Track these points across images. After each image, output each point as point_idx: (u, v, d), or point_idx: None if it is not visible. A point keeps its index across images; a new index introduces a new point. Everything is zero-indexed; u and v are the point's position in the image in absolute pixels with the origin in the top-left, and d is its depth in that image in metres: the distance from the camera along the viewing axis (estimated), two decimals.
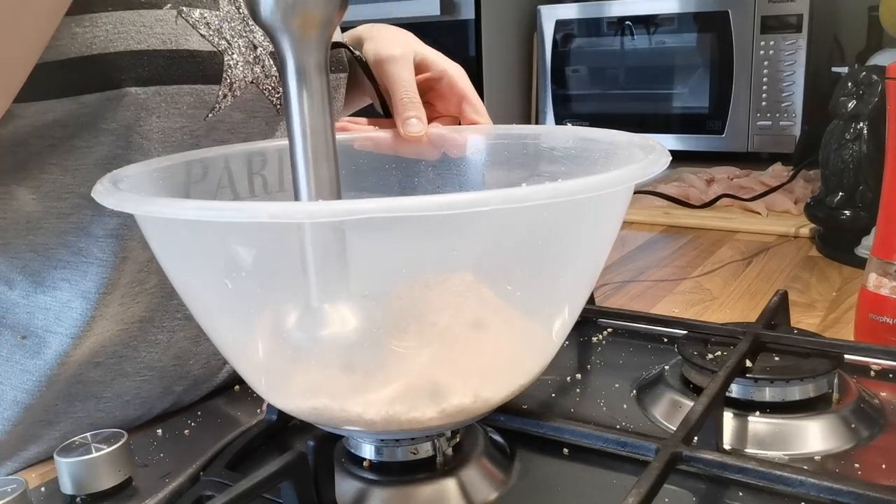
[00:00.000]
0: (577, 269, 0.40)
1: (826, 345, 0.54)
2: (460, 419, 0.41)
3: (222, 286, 0.36)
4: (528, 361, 0.42)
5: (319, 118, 0.40)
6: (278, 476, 0.39)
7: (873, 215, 0.65)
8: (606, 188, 0.34)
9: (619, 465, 0.46)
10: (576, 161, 0.50)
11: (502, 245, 0.36)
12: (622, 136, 0.47)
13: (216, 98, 0.53)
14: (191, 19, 0.52)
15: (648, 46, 1.66)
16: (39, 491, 0.46)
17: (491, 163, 0.57)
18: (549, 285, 0.39)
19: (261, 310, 0.38)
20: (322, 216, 0.31)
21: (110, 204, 0.35)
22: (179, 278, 0.40)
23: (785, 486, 0.40)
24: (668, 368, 0.56)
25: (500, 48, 1.77)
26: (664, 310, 0.79)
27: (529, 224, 0.35)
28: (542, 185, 0.32)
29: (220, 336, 0.41)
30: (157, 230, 0.38)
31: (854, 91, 0.94)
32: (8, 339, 0.55)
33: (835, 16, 1.65)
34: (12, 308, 0.54)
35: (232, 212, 0.32)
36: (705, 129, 1.61)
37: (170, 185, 0.46)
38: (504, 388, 0.41)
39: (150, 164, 0.46)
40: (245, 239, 0.35)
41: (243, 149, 0.52)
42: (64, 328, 0.53)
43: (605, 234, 0.41)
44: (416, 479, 0.43)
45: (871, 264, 0.63)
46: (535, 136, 0.55)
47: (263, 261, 0.35)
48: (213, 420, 0.55)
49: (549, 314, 0.40)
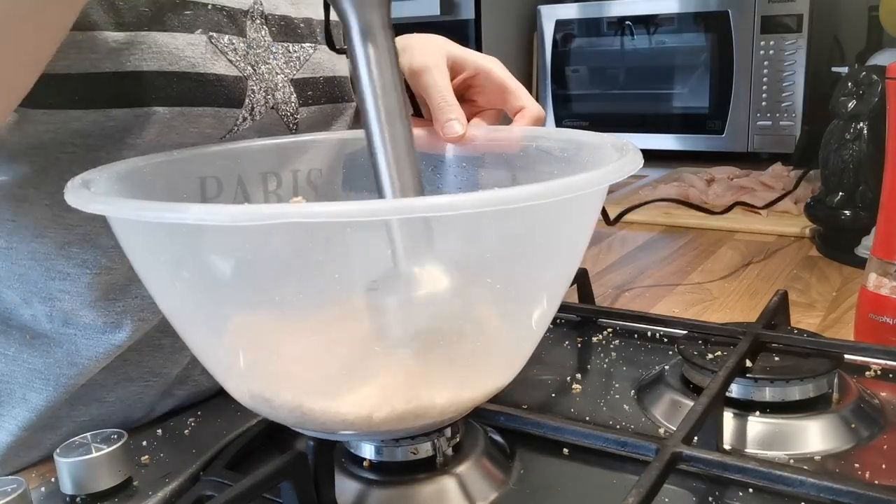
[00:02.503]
0: (554, 267, 0.40)
1: (826, 345, 0.54)
2: (442, 419, 0.41)
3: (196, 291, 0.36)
4: (509, 358, 0.42)
5: (389, 76, 0.39)
6: (278, 476, 0.39)
7: (873, 215, 0.65)
8: (581, 190, 0.34)
9: (619, 465, 0.46)
10: (570, 162, 0.50)
11: (481, 245, 0.36)
12: (595, 138, 0.47)
13: (235, 121, 0.55)
14: (220, 45, 0.53)
15: (648, 46, 1.66)
16: (39, 491, 0.46)
17: (491, 163, 0.57)
18: (528, 281, 0.39)
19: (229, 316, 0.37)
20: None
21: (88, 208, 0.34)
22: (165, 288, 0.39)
23: (785, 486, 0.40)
24: (668, 368, 0.56)
25: (500, 48, 1.77)
26: (664, 310, 0.79)
27: (507, 226, 0.36)
28: (521, 188, 0.32)
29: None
30: (127, 230, 0.38)
31: (854, 91, 0.94)
32: (16, 339, 0.55)
33: (835, 16, 1.65)
34: (17, 310, 0.54)
35: (221, 215, 0.30)
36: (705, 129, 1.61)
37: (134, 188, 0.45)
38: (483, 388, 0.41)
39: (116, 166, 0.45)
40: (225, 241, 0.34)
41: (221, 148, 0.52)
42: (75, 330, 0.54)
43: (577, 235, 0.41)
44: (416, 479, 0.44)
45: (871, 264, 0.63)
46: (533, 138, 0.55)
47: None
48: (213, 420, 0.55)
49: (530, 309, 0.40)
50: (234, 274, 0.35)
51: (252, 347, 0.38)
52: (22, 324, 0.54)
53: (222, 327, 0.38)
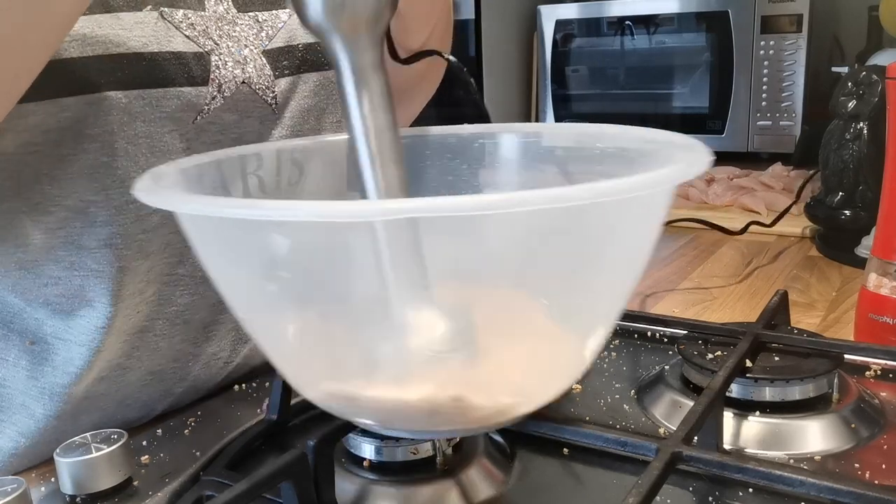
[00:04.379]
0: (612, 277, 0.38)
1: (826, 345, 0.54)
2: (483, 427, 0.40)
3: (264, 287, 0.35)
4: (563, 371, 0.40)
5: (382, 117, 0.38)
6: (278, 476, 0.39)
7: (873, 215, 0.65)
8: (650, 188, 0.31)
9: (619, 465, 0.46)
10: (577, 161, 0.49)
11: (540, 249, 0.34)
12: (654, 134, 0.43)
13: (204, 100, 0.52)
14: (173, 20, 0.51)
15: (648, 46, 1.66)
16: (39, 491, 0.46)
17: (492, 164, 0.57)
18: (585, 292, 0.37)
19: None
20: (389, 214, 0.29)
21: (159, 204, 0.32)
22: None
23: (785, 486, 0.40)
24: (668, 368, 0.56)
25: (499, 48, 1.77)
26: (664, 310, 0.79)
27: (567, 226, 0.33)
28: (584, 185, 0.29)
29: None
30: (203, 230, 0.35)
31: (854, 91, 0.94)
32: (16, 344, 0.54)
33: (835, 16, 1.65)
34: (20, 314, 0.54)
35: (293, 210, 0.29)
36: (705, 128, 1.61)
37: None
38: (535, 399, 0.40)
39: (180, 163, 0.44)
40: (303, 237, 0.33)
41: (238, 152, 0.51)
42: (73, 336, 0.53)
43: (641, 240, 0.39)
44: (415, 479, 0.44)
45: (871, 264, 0.63)
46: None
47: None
48: (213, 420, 0.55)
49: (585, 323, 0.38)
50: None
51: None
52: (24, 328, 0.54)
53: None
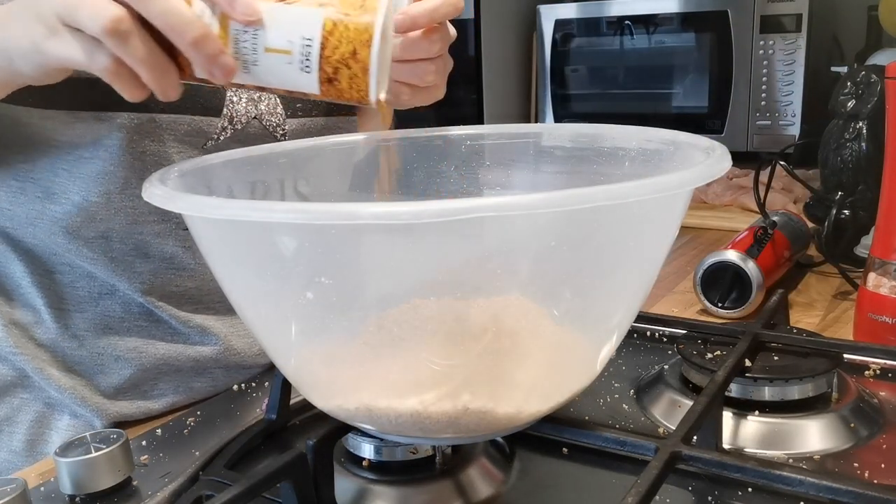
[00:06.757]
0: (628, 280, 0.39)
1: (825, 344, 0.54)
2: (490, 432, 0.40)
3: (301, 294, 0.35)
4: (578, 374, 0.41)
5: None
6: (278, 476, 0.39)
7: (873, 215, 0.65)
8: (667, 191, 0.32)
9: (618, 465, 0.46)
10: (578, 161, 0.50)
11: (551, 252, 0.34)
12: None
13: (215, 129, 0.56)
14: None
15: (648, 46, 1.66)
16: (39, 491, 0.46)
17: (493, 163, 0.57)
18: (604, 289, 0.38)
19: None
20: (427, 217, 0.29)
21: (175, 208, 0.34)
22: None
23: (784, 486, 0.40)
24: (667, 368, 0.56)
25: (499, 48, 1.77)
26: (664, 310, 0.79)
27: (583, 229, 0.34)
28: (599, 187, 0.30)
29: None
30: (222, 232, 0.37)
31: (853, 90, 0.94)
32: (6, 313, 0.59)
33: (834, 16, 1.65)
34: (16, 289, 0.58)
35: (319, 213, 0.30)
36: (705, 128, 1.61)
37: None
38: (546, 402, 0.40)
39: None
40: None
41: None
42: (69, 305, 0.58)
43: (659, 243, 0.39)
44: (415, 478, 0.44)
45: (870, 264, 0.63)
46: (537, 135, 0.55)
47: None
48: (213, 420, 0.55)
49: (598, 327, 0.39)
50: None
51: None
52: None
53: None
